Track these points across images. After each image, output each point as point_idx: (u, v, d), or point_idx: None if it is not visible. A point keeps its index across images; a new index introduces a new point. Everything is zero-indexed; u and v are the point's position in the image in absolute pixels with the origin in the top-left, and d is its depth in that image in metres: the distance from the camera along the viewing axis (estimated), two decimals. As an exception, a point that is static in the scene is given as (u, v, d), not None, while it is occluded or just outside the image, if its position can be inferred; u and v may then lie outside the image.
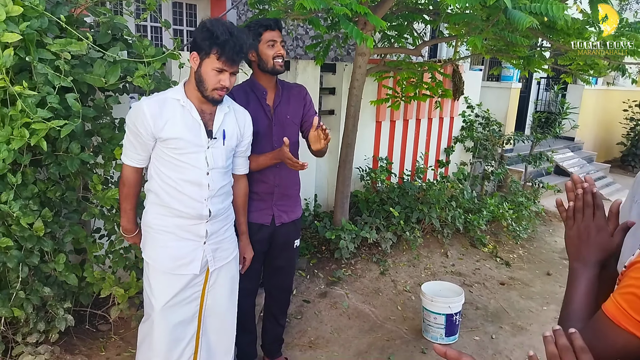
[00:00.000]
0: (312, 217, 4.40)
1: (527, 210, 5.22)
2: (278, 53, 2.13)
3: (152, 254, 1.89)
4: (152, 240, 1.89)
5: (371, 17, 2.57)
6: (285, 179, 2.30)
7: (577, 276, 1.00)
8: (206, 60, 1.74)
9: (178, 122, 1.79)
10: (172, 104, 1.81)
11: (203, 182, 1.86)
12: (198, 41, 1.74)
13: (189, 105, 1.82)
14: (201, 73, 1.77)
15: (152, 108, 1.76)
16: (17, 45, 1.87)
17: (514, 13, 2.50)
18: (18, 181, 1.98)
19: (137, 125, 1.76)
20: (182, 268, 1.88)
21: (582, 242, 1.01)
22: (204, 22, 1.75)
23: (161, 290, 1.88)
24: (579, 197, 1.01)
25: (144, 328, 2.00)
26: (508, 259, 4.58)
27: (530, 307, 3.69)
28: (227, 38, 1.70)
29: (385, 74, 4.47)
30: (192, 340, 1.98)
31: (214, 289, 2.01)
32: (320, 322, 3.22)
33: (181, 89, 1.84)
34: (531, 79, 8.68)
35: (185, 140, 1.80)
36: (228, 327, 2.13)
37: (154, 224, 1.88)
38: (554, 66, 4.60)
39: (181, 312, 1.92)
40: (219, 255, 1.98)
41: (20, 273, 2.13)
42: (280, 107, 2.27)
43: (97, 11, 2.39)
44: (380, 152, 5.09)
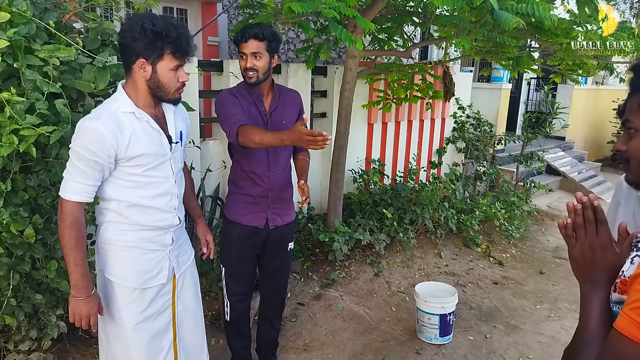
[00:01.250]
0: (306, 220, 4.40)
1: (520, 209, 5.25)
2: (246, 66, 2.14)
3: (119, 272, 1.75)
4: (117, 258, 1.74)
5: (360, 19, 2.59)
6: (279, 182, 2.31)
7: (589, 300, 0.94)
8: (160, 63, 1.60)
9: (140, 137, 1.64)
10: (127, 119, 1.63)
11: (173, 192, 1.79)
12: (144, 47, 1.56)
13: (145, 116, 1.66)
14: (158, 78, 1.62)
15: (110, 128, 1.56)
16: (5, 52, 1.87)
17: (500, 14, 2.53)
18: (8, 188, 1.97)
19: (95, 150, 1.55)
20: (150, 280, 1.79)
21: (587, 263, 0.95)
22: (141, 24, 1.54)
23: (132, 308, 1.76)
24: (578, 212, 0.94)
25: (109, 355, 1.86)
26: (501, 258, 4.60)
27: (523, 306, 3.71)
28: (177, 32, 1.57)
29: (376, 77, 4.49)
30: (171, 350, 1.92)
31: (182, 294, 1.95)
32: (315, 324, 3.23)
33: (127, 98, 1.65)
34: (521, 80, 8.74)
35: (152, 154, 1.68)
36: (199, 325, 2.08)
37: (116, 240, 1.73)
38: (543, 66, 4.65)
39: (155, 324, 1.84)
40: (182, 259, 1.93)
41: (11, 280, 2.12)
42: (277, 112, 2.27)
43: (86, 17, 2.39)
44: (372, 154, 5.11)
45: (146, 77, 1.62)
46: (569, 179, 7.36)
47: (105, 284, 1.77)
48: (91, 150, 1.55)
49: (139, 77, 1.63)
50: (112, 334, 1.81)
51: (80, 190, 1.60)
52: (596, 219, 0.94)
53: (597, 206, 0.94)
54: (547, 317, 3.56)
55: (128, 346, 1.80)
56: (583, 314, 0.94)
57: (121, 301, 1.75)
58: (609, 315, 0.92)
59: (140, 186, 1.70)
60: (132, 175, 1.67)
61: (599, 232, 0.94)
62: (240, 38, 2.11)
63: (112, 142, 1.57)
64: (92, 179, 1.60)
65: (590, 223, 0.94)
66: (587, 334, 0.92)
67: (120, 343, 1.81)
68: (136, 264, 1.76)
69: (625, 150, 1.00)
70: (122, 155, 1.61)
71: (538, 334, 3.31)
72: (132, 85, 1.67)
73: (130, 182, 1.68)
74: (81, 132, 1.57)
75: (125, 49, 1.60)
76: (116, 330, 1.79)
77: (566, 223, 0.97)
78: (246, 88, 2.24)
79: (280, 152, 2.30)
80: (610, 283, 0.93)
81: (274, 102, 2.27)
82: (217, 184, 3.67)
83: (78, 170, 1.58)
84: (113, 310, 1.77)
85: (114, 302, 1.76)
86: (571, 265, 0.98)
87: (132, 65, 1.61)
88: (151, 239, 1.78)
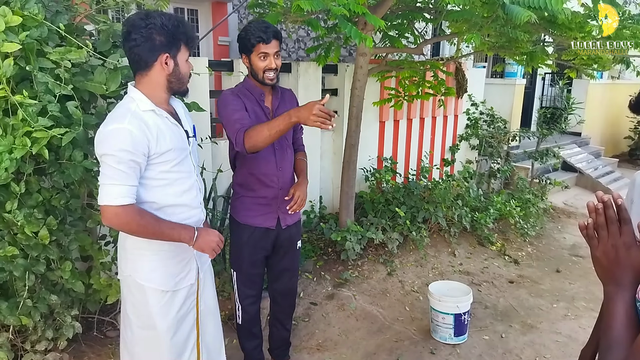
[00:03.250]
0: (318, 219, 4.39)
1: (535, 207, 5.18)
2: (269, 67, 2.09)
3: (151, 276, 1.75)
4: (148, 262, 1.76)
5: (369, 16, 2.57)
6: (288, 180, 2.30)
7: (613, 301, 0.91)
8: (179, 55, 1.66)
9: (165, 132, 1.67)
10: (149, 117, 1.64)
11: (197, 186, 1.83)
12: (166, 42, 1.61)
13: (163, 112, 1.69)
14: (179, 70, 1.67)
15: (137, 126, 1.58)
16: (17, 55, 1.88)
17: (511, 8, 2.49)
18: (22, 190, 1.99)
19: (131, 150, 1.55)
20: (181, 282, 1.82)
21: (611, 263, 0.91)
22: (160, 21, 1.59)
23: (165, 311, 1.77)
24: (599, 212, 0.91)
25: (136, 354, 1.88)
26: (516, 256, 4.54)
27: (540, 305, 3.65)
28: (183, 23, 1.65)
29: (387, 74, 4.46)
30: (194, 349, 1.94)
31: (204, 293, 1.97)
32: (328, 324, 3.21)
33: (144, 98, 1.65)
34: (535, 75, 8.62)
35: (177, 148, 1.71)
36: (218, 324, 2.10)
37: (146, 245, 1.73)
38: (557, 61, 4.57)
39: (184, 324, 1.87)
40: (202, 258, 1.94)
41: (27, 281, 2.14)
42: (280, 110, 2.24)
43: (97, 19, 2.40)
44: (384, 152, 5.08)
45: (168, 71, 1.65)
46: (585, 175, 7.23)
47: (136, 289, 1.76)
48: (128, 151, 1.55)
49: (158, 73, 1.64)
50: (141, 338, 1.80)
51: (128, 193, 1.58)
52: (620, 218, 0.90)
53: (621, 204, 0.90)
54: (564, 316, 3.50)
55: (160, 349, 1.80)
56: (607, 316, 0.91)
57: (154, 305, 1.75)
58: (635, 317, 0.89)
59: (169, 183, 1.71)
60: (162, 172, 1.68)
61: (622, 232, 0.90)
62: (265, 39, 2.04)
63: (144, 139, 1.58)
64: (133, 179, 1.60)
65: (612, 222, 0.90)
66: (611, 337, 0.89)
67: (150, 346, 1.81)
68: (167, 266, 1.77)
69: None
70: (154, 151, 1.62)
71: (555, 334, 3.26)
72: (147, 83, 1.66)
73: (161, 180, 1.69)
74: (110, 137, 1.56)
75: (145, 48, 1.59)
76: (146, 334, 1.79)
77: (587, 223, 0.94)
78: (248, 88, 2.20)
79: (286, 150, 2.29)
80: (635, 283, 0.90)
81: (276, 100, 2.26)
82: (228, 184, 3.67)
83: (121, 174, 1.56)
84: (144, 314, 1.77)
85: (146, 306, 1.75)
86: (594, 266, 0.95)
87: (153, 62, 1.62)
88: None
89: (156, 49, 1.60)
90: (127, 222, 1.59)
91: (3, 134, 1.86)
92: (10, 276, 2.13)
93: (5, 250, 2.02)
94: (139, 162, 1.60)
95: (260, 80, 2.14)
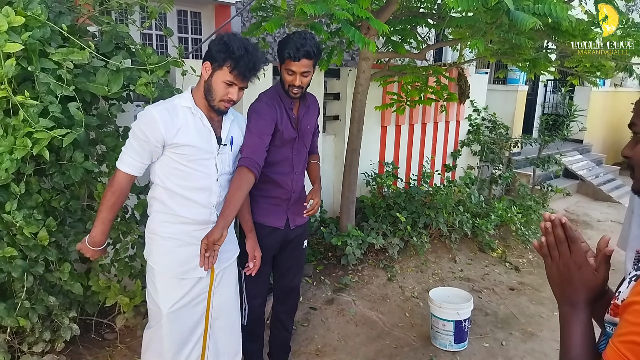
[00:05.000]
0: (318, 223, 4.37)
1: (536, 214, 5.16)
2: (293, 83, 2.11)
3: (159, 260, 1.90)
4: (159, 247, 1.90)
5: (373, 21, 2.56)
6: (300, 184, 2.38)
7: (569, 322, 0.91)
8: (218, 71, 1.78)
9: (190, 129, 1.81)
10: (183, 112, 1.82)
11: (213, 189, 1.90)
12: (213, 52, 1.77)
13: (199, 112, 1.84)
14: (211, 83, 1.80)
15: (163, 115, 1.76)
16: (19, 55, 1.88)
17: (516, 14, 2.48)
18: (21, 191, 1.98)
19: (146, 132, 1.75)
20: (189, 272, 1.91)
21: (564, 282, 0.92)
22: (222, 36, 1.79)
23: (169, 294, 1.89)
24: (549, 231, 0.92)
25: (148, 334, 2.00)
26: (517, 263, 4.52)
27: (540, 313, 3.63)
28: (243, 54, 1.74)
29: (390, 79, 4.46)
30: (199, 342, 2.00)
31: (220, 290, 2.03)
32: (327, 329, 3.19)
33: (190, 96, 1.86)
34: (538, 82, 8.62)
35: (197, 147, 1.82)
36: (235, 327, 2.16)
37: (160, 231, 1.89)
38: (560, 68, 4.57)
39: (189, 314, 1.95)
40: (223, 256, 1.99)
41: (25, 282, 2.13)
42: (305, 118, 2.30)
43: (100, 20, 2.40)
44: (386, 156, 5.07)
45: (205, 77, 1.82)
46: (587, 182, 7.22)
47: (149, 270, 1.93)
48: (143, 132, 1.75)
49: (202, 76, 1.83)
50: (152, 318, 1.97)
51: (130, 164, 1.80)
52: (567, 237, 0.91)
53: (565, 223, 0.91)
54: (564, 324, 3.48)
55: (162, 330, 1.91)
56: (564, 337, 0.91)
57: (160, 287, 1.89)
58: (592, 336, 0.89)
59: (181, 176, 1.84)
60: (176, 162, 1.82)
61: (572, 251, 0.91)
62: (293, 56, 2.04)
63: (161, 128, 1.75)
64: (141, 156, 1.80)
65: (561, 242, 0.91)
66: (569, 356, 0.88)
67: (156, 326, 1.93)
68: (174, 254, 1.89)
69: (631, 156, 0.97)
70: (169, 141, 1.78)
71: (555, 342, 3.23)
72: (198, 85, 1.87)
73: (174, 169, 1.83)
74: (141, 115, 1.78)
75: (206, 52, 1.81)
76: (154, 314, 1.94)
77: (541, 242, 0.94)
78: (280, 95, 2.21)
79: (303, 154, 2.35)
80: (589, 303, 0.91)
81: (303, 109, 2.29)
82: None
83: (132, 147, 1.79)
84: (154, 294, 1.92)
85: (155, 287, 1.91)
86: (550, 286, 0.95)
87: (203, 64, 1.81)
88: (190, 232, 1.89)
89: (206, 56, 1.80)
90: (112, 183, 1.83)
91: (4, 134, 1.85)
92: (8, 277, 2.12)
93: (4, 251, 2.01)
94: (150, 146, 1.77)
95: (285, 91, 2.17)
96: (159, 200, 1.88)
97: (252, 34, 3.54)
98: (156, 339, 1.95)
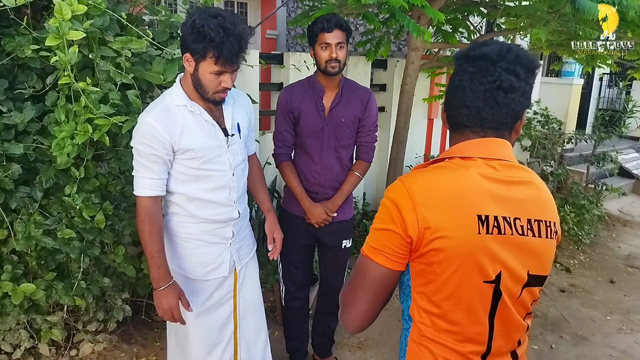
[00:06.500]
0: (361, 216, 4.34)
1: (589, 214, 4.93)
2: (330, 56, 2.07)
3: (181, 263, 1.79)
4: (179, 249, 1.79)
5: (428, 9, 2.49)
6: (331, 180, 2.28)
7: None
8: (202, 63, 1.55)
9: (194, 129, 1.64)
10: (180, 112, 1.63)
11: (231, 185, 1.78)
12: (189, 43, 1.52)
13: (197, 108, 1.65)
14: (199, 77, 1.58)
15: (161, 121, 1.57)
16: (80, 43, 1.93)
17: (583, 3, 2.35)
18: (81, 175, 2.04)
19: (150, 144, 1.57)
20: (211, 273, 1.82)
21: None
22: (193, 20, 1.50)
23: (193, 298, 1.79)
24: None
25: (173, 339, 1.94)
26: (568, 264, 4.34)
27: (592, 317, 3.48)
28: (223, 39, 1.48)
29: (438, 70, 4.34)
30: (231, 342, 1.93)
31: (244, 287, 1.96)
32: (370, 322, 3.17)
33: (180, 92, 1.65)
34: (593, 75, 8.21)
35: (206, 147, 1.66)
36: (262, 321, 2.09)
37: (179, 232, 1.77)
38: (620, 61, 4.31)
39: (215, 315, 1.87)
40: (243, 252, 1.93)
41: (82, 263, 2.20)
42: (337, 109, 2.22)
43: (155, 9, 2.44)
44: (432, 150, 4.96)
45: (190, 71, 1.60)
46: (644, 182, 6.84)
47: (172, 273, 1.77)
48: (146, 144, 1.58)
49: (187, 70, 1.62)
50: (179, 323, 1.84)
51: (148, 185, 1.63)
52: None
53: None
54: (618, 330, 3.32)
55: (189, 335, 1.83)
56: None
57: (185, 291, 1.76)
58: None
59: (198, 179, 1.69)
60: (189, 168, 1.67)
61: None
62: (326, 27, 2.04)
63: (165, 134, 1.57)
64: (156, 172, 1.62)
65: None
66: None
67: (183, 331, 1.85)
68: (197, 255, 1.79)
69: None
70: (177, 147, 1.61)
71: (608, 347, 3.09)
72: (185, 78, 1.66)
73: (188, 175, 1.68)
74: (137, 127, 1.61)
75: (181, 40, 1.59)
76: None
77: None
78: (311, 81, 2.22)
79: (336, 149, 2.26)
80: None
81: (337, 98, 2.22)
82: (274, 176, 3.68)
83: (142, 166, 1.62)
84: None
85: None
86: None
87: (183, 55, 1.58)
88: (212, 231, 1.79)
89: (183, 45, 1.57)
90: (139, 213, 1.63)
91: (65, 120, 1.91)
92: (66, 258, 2.20)
93: (63, 233, 2.08)
94: (161, 157, 1.60)
95: (322, 70, 2.12)
96: (176, 204, 1.75)
97: (299, 24, 3.53)
98: (184, 345, 1.87)
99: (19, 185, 2.04)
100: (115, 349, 2.60)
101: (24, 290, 2.10)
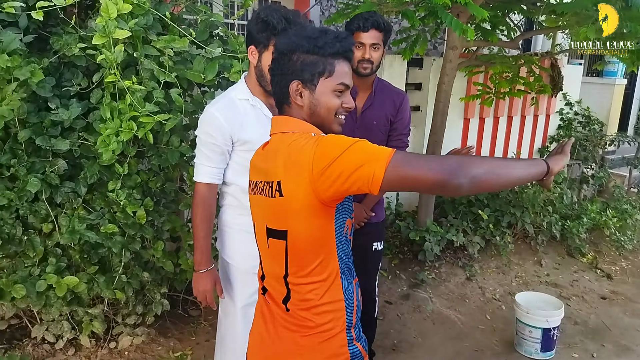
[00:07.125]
0: (394, 217, 4.29)
1: (632, 219, 4.73)
2: (363, 57, 2.04)
3: (232, 254, 1.84)
4: (232, 241, 1.84)
5: (472, 6, 2.43)
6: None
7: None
8: (265, 53, 1.61)
9: (253, 122, 1.70)
10: (242, 105, 1.70)
11: None
12: (254, 34, 1.61)
13: (258, 103, 1.72)
14: (261, 67, 1.64)
15: (223, 112, 1.66)
16: (124, 42, 1.96)
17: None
18: (125, 171, 2.08)
19: (212, 133, 1.66)
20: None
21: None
22: (258, 13, 1.61)
23: (242, 289, 1.83)
24: None
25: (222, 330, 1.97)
26: (609, 271, 4.18)
27: (636, 326, 3.34)
28: (285, 27, 1.56)
29: (476, 69, 4.24)
30: None
31: None
32: (403, 325, 3.13)
33: (244, 87, 1.73)
34: (636, 76, 7.89)
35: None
36: None
37: (233, 223, 1.82)
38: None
39: None
40: None
41: (123, 258, 2.25)
42: (369, 111, 2.18)
43: (196, 9, 2.46)
44: (467, 151, 4.86)
45: (254, 63, 1.66)
46: (691, 186, 6.52)
47: (222, 264, 1.88)
48: (209, 134, 1.67)
49: (251, 62, 1.68)
50: (226, 312, 1.92)
51: (206, 173, 1.72)
52: None
53: None
54: (664, 341, 3.17)
55: (236, 325, 1.87)
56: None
57: (234, 281, 1.84)
58: None
59: None
60: (246, 160, 1.66)
61: None
62: (362, 27, 2.00)
63: (226, 125, 1.65)
64: (215, 161, 1.71)
65: None
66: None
67: (230, 321, 1.90)
68: (247, 248, 1.78)
69: None
70: (236, 138, 1.68)
71: (655, 359, 2.96)
72: (249, 73, 1.73)
73: (244, 167, 1.67)
74: (202, 118, 1.70)
75: (246, 35, 1.67)
76: (229, 309, 1.89)
77: None
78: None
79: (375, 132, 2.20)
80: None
81: (369, 100, 2.18)
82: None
83: (203, 155, 1.71)
84: (228, 289, 1.88)
85: (229, 281, 1.87)
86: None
87: (248, 49, 1.66)
88: None
89: (248, 38, 1.65)
90: (195, 197, 1.74)
91: (110, 117, 1.95)
92: (108, 252, 2.25)
93: (106, 227, 2.13)
94: (221, 147, 1.68)
95: (354, 70, 2.08)
96: (232, 196, 1.80)
97: (335, 22, 3.50)
98: (230, 335, 1.91)
99: (64, 181, 2.10)
100: (153, 342, 2.64)
101: (67, 282, 2.15)
